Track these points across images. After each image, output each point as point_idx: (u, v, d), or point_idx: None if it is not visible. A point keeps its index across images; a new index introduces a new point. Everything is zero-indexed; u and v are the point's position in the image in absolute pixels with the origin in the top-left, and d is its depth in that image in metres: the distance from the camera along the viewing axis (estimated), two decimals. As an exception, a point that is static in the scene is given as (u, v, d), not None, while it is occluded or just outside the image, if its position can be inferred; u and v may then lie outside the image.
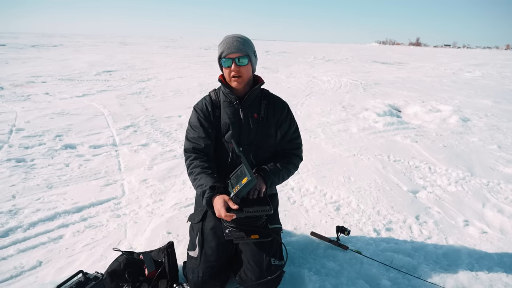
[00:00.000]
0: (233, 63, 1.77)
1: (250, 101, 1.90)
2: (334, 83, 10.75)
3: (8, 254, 2.20)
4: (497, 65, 22.86)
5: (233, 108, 1.90)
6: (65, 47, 26.73)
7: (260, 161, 1.92)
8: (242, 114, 1.89)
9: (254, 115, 1.91)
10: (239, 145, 1.88)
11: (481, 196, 3.27)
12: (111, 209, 2.83)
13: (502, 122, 6.29)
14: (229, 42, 1.79)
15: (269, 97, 1.99)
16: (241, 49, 1.76)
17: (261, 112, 1.92)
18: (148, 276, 1.84)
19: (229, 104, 1.91)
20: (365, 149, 4.53)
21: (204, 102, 1.96)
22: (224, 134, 1.91)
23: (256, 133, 1.90)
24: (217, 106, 1.94)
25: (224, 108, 1.92)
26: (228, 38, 1.82)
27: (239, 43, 1.78)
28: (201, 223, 1.92)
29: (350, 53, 35.17)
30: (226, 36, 1.86)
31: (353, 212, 2.89)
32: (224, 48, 1.79)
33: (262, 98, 1.96)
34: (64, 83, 9.21)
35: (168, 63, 16.41)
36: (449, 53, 47.50)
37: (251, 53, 1.82)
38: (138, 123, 5.42)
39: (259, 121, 1.91)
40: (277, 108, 1.97)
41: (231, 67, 1.78)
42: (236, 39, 1.80)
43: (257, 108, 1.93)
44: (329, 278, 2.03)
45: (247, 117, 1.90)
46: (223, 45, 1.81)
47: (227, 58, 1.78)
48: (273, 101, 1.99)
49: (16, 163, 3.64)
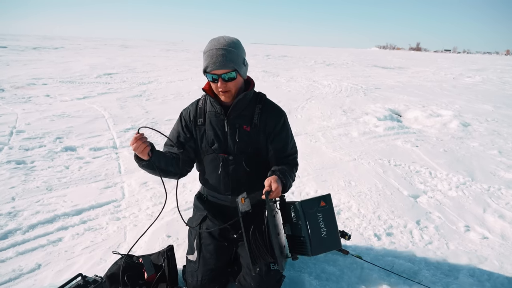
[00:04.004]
0: (219, 79, 1.61)
1: (238, 110, 1.75)
2: (335, 87, 10.76)
3: (7, 257, 2.19)
4: (497, 70, 22.90)
5: (218, 119, 1.78)
6: (66, 49, 26.80)
7: (254, 168, 1.80)
8: (228, 127, 1.76)
9: (243, 126, 1.76)
10: (228, 154, 1.78)
11: (482, 201, 3.26)
12: (111, 211, 2.82)
13: (503, 127, 6.29)
14: (213, 55, 1.58)
15: (264, 102, 1.83)
16: (227, 65, 1.57)
17: (254, 118, 1.77)
18: (147, 280, 1.83)
19: (215, 115, 1.78)
20: (365, 153, 4.52)
21: (189, 110, 1.87)
22: (210, 145, 1.81)
23: (246, 143, 1.77)
24: (201, 115, 1.82)
25: (210, 118, 1.80)
26: (213, 50, 1.59)
27: (224, 57, 1.57)
28: (199, 227, 1.91)
29: (350, 57, 35.24)
30: (210, 42, 1.65)
31: (353, 217, 2.88)
32: (209, 63, 1.60)
33: (257, 102, 1.81)
34: (65, 85, 9.22)
35: (169, 66, 16.44)
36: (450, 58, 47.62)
37: (240, 64, 1.64)
38: (139, 126, 5.41)
39: (250, 131, 1.76)
40: (272, 117, 1.80)
41: (218, 84, 1.63)
42: (221, 52, 1.57)
43: (248, 117, 1.77)
44: (329, 283, 2.02)
45: (234, 129, 1.76)
46: (207, 58, 1.60)
47: (212, 74, 1.61)
48: (269, 108, 1.82)
49: (16, 165, 3.64)
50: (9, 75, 10.49)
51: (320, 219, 1.49)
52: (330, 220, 1.51)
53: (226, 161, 1.79)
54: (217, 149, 1.79)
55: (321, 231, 1.49)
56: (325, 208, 1.51)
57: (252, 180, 1.82)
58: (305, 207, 1.49)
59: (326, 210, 1.51)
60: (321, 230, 1.49)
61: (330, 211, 1.52)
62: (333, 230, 1.52)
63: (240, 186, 1.80)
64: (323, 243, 1.49)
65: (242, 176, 1.81)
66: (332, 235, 1.51)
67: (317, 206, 1.50)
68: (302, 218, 1.49)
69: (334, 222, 1.52)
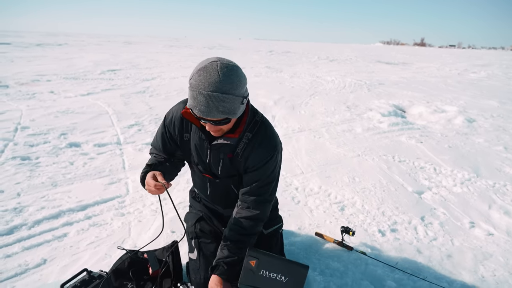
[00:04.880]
0: (208, 123, 1.35)
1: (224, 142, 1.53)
2: (338, 83, 10.71)
3: (13, 252, 2.21)
4: (503, 65, 22.70)
5: (202, 144, 1.58)
6: (70, 46, 26.84)
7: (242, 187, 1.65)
8: (210, 156, 1.59)
9: (228, 155, 1.56)
10: (215, 177, 1.66)
11: (487, 197, 3.25)
12: (115, 207, 2.83)
13: (508, 123, 6.24)
14: (201, 101, 1.25)
15: (255, 133, 1.54)
16: (218, 114, 1.28)
17: (239, 147, 1.54)
18: (152, 275, 1.84)
19: (199, 139, 1.58)
20: (369, 149, 4.50)
21: (173, 121, 1.62)
22: (196, 164, 1.68)
23: (229, 170, 1.61)
24: (187, 129, 1.61)
25: (193, 137, 1.60)
26: (201, 93, 1.23)
27: (215, 108, 1.25)
28: (194, 226, 1.90)
29: (354, 53, 35.06)
30: (199, 75, 1.24)
31: (357, 213, 2.87)
32: (195, 106, 1.27)
33: (247, 130, 1.53)
34: (69, 81, 9.25)
35: (172, 62, 16.43)
36: (454, 54, 47.24)
37: (235, 109, 1.31)
38: (143, 122, 5.42)
39: (232, 158, 1.56)
40: (256, 154, 1.54)
41: (206, 125, 1.39)
42: (211, 100, 1.23)
43: (233, 145, 1.54)
44: (333, 278, 2.02)
45: (218, 159, 1.58)
46: (194, 100, 1.27)
47: (199, 117, 1.33)
48: (258, 142, 1.53)
49: (21, 161, 3.66)
50: (14, 71, 10.53)
51: (267, 274, 1.43)
52: (273, 264, 1.44)
53: (214, 182, 1.70)
54: (202, 170, 1.69)
55: (279, 281, 1.43)
56: (259, 262, 1.44)
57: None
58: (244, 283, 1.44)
59: (262, 263, 1.44)
60: (278, 279, 1.43)
61: (265, 260, 1.44)
62: (286, 266, 1.44)
63: (231, 201, 1.74)
64: (293, 284, 1.43)
65: (232, 194, 1.75)
66: (291, 270, 1.43)
67: (252, 270, 1.44)
68: None
69: (278, 261, 1.44)
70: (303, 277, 1.42)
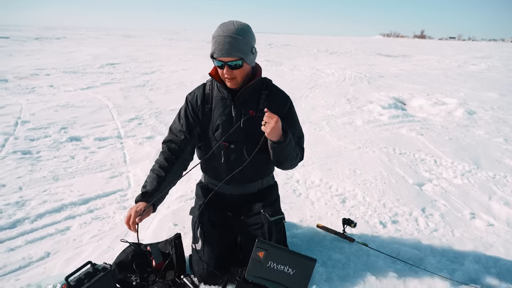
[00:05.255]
0: (225, 66, 1.63)
1: (245, 96, 1.77)
2: (338, 76, 10.69)
3: (16, 245, 2.22)
4: (503, 57, 22.61)
5: (225, 104, 1.79)
6: (68, 39, 26.69)
7: (255, 157, 1.74)
8: (234, 112, 1.78)
9: (249, 111, 1.77)
10: (231, 142, 1.79)
11: (487, 189, 3.26)
12: (117, 201, 2.84)
13: (508, 115, 6.24)
14: (220, 42, 1.58)
15: (271, 88, 1.84)
16: (233, 53, 1.58)
17: (260, 103, 1.79)
18: (155, 268, 1.85)
19: (221, 100, 1.80)
20: (370, 142, 4.51)
21: (196, 94, 1.86)
22: (214, 132, 1.82)
23: (250, 131, 1.77)
24: (208, 101, 1.83)
25: (216, 103, 1.81)
26: (220, 36, 1.58)
27: (231, 45, 1.57)
28: (199, 216, 1.92)
29: (353, 45, 34.89)
30: (220, 27, 1.63)
31: (358, 205, 2.88)
32: (215, 49, 1.60)
33: (263, 89, 1.82)
34: (68, 75, 9.22)
35: (172, 55, 16.37)
36: (454, 46, 47.00)
37: (247, 52, 1.63)
38: (143, 116, 5.42)
39: (256, 116, 1.76)
40: (278, 102, 1.82)
41: (223, 70, 1.65)
42: (228, 39, 1.57)
43: (254, 102, 1.79)
44: (335, 270, 2.04)
45: (240, 114, 1.77)
46: (215, 44, 1.61)
47: (218, 60, 1.63)
48: (275, 94, 1.84)
49: (22, 155, 3.66)
50: (12, 65, 10.49)
51: (275, 266, 1.44)
52: (281, 256, 1.45)
53: (228, 149, 1.81)
54: (220, 136, 1.80)
55: (286, 273, 1.44)
56: (268, 253, 1.45)
57: (253, 169, 1.84)
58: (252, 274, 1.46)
59: (270, 254, 1.45)
60: (285, 271, 1.44)
61: (273, 252, 1.45)
62: (293, 258, 1.45)
63: (242, 175, 1.80)
64: (300, 277, 1.44)
65: (244, 162, 1.80)
66: (298, 262, 1.44)
67: (260, 262, 1.45)
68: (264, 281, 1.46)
69: (286, 253, 1.46)
70: (310, 270, 1.43)
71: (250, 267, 1.47)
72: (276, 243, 1.58)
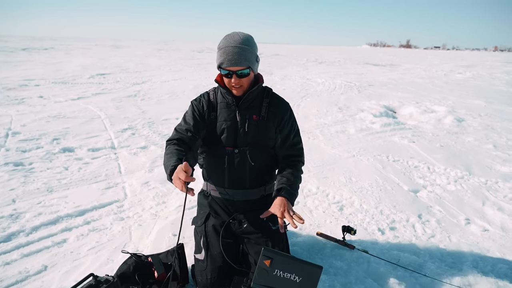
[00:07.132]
0: (233, 75, 1.68)
1: (248, 102, 1.82)
2: (329, 85, 10.81)
3: (12, 259, 2.17)
4: (487, 66, 23.21)
5: (230, 110, 1.84)
6: (56, 50, 26.47)
7: (258, 162, 1.84)
8: (239, 117, 1.83)
9: (253, 117, 1.83)
10: (235, 146, 1.82)
11: (480, 194, 3.32)
12: (114, 212, 2.81)
13: (496, 122, 6.39)
14: (229, 52, 1.64)
15: (271, 96, 1.91)
16: (242, 63, 1.65)
17: (262, 110, 1.84)
18: (158, 279, 1.83)
19: (226, 106, 1.85)
20: (364, 149, 4.56)
21: (201, 100, 1.90)
22: (219, 137, 1.84)
23: (254, 135, 1.83)
24: (213, 108, 1.87)
25: (221, 110, 1.86)
26: (228, 47, 1.65)
27: (240, 55, 1.64)
28: (204, 226, 1.92)
29: (342, 55, 35.40)
30: (226, 39, 1.69)
31: (356, 212, 2.90)
32: (224, 60, 1.66)
33: (264, 96, 1.89)
34: (58, 86, 9.12)
35: (162, 65, 16.35)
36: (439, 55, 48.09)
37: (253, 62, 1.72)
38: (136, 126, 5.39)
39: (258, 122, 1.83)
40: (279, 109, 1.89)
41: (231, 79, 1.70)
42: (236, 50, 1.64)
43: (257, 108, 1.85)
44: (337, 277, 2.04)
45: (245, 119, 1.82)
46: (223, 54, 1.66)
47: (226, 70, 1.68)
48: (276, 101, 1.91)
49: (14, 167, 3.60)
50: (0, 76, 10.34)
51: (281, 274, 1.42)
52: (287, 264, 1.43)
53: (232, 155, 1.83)
54: (225, 141, 1.82)
55: (293, 280, 1.42)
56: (274, 261, 1.42)
57: (256, 175, 1.88)
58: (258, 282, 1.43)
59: (277, 262, 1.43)
60: (292, 279, 1.42)
61: (279, 260, 1.43)
62: (299, 266, 1.43)
63: (245, 180, 1.84)
64: (307, 284, 1.41)
65: (246, 170, 1.85)
66: (305, 270, 1.42)
67: (266, 270, 1.43)
68: None
69: (292, 261, 1.43)
70: (316, 278, 1.43)
71: (256, 276, 1.46)
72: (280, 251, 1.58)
